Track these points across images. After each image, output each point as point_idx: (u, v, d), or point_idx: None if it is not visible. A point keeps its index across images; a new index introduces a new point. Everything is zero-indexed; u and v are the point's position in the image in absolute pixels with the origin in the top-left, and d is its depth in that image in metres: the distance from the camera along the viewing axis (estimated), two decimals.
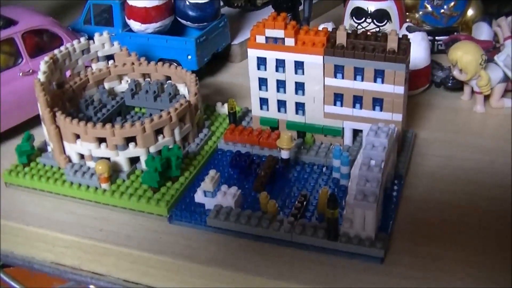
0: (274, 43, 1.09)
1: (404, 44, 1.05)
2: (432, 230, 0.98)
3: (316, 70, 1.08)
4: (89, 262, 1.04)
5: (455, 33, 1.42)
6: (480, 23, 1.39)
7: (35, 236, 1.06)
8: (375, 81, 1.06)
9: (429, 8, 1.46)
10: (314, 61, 1.08)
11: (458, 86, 1.31)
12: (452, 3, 1.44)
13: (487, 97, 1.28)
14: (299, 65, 1.09)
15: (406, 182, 1.08)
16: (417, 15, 1.48)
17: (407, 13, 1.46)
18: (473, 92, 1.28)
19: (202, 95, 1.35)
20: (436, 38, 1.45)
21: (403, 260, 0.92)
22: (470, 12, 1.48)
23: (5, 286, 1.29)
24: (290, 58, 1.09)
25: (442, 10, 1.45)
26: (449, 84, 1.31)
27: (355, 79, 1.07)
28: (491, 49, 1.31)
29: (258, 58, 1.11)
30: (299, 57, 1.08)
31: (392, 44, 1.04)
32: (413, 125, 1.23)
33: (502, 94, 1.27)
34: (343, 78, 1.07)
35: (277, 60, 1.10)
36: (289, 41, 1.08)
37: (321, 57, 1.07)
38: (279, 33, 1.08)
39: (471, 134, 1.21)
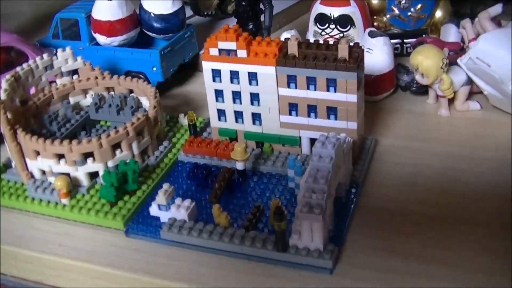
0: (227, 55, 1.10)
1: (355, 52, 1.05)
2: (386, 240, 0.97)
3: (269, 81, 1.09)
4: (52, 277, 1.06)
5: (424, 36, 1.42)
6: (448, 24, 1.39)
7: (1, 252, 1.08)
8: (328, 90, 1.06)
9: (396, 11, 1.46)
10: (267, 72, 1.08)
11: (422, 90, 1.30)
12: (419, 6, 1.44)
13: (452, 100, 1.27)
14: (252, 76, 1.10)
15: (363, 190, 1.08)
16: (384, 19, 1.48)
17: (375, 17, 1.46)
18: (438, 95, 1.28)
19: (169, 106, 1.37)
20: (405, 41, 1.44)
21: (354, 271, 0.92)
22: (438, 14, 1.47)
23: None
24: (243, 69, 1.09)
25: (410, 13, 1.45)
26: (414, 88, 1.31)
27: (308, 88, 1.07)
28: (458, 51, 1.31)
29: (212, 70, 1.12)
30: (252, 68, 1.09)
31: (342, 52, 1.04)
32: (376, 131, 1.23)
33: (466, 97, 1.27)
34: (296, 88, 1.08)
35: (231, 71, 1.11)
36: (242, 53, 1.08)
37: (274, 67, 1.07)
38: (231, 45, 1.08)
39: (434, 139, 1.20)
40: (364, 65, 1.08)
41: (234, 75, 1.11)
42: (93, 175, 1.11)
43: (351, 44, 1.05)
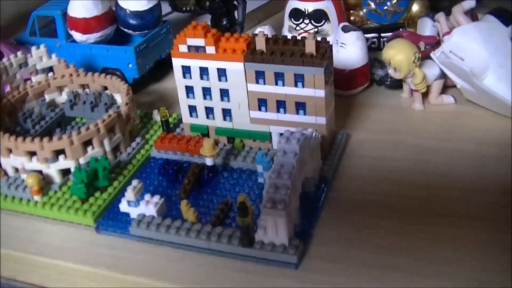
0: (196, 51, 1.10)
1: (323, 48, 1.05)
2: (354, 234, 0.98)
3: (238, 77, 1.09)
4: (24, 273, 1.06)
5: (400, 30, 1.42)
6: (424, 18, 1.39)
7: None
8: (296, 85, 1.06)
9: (373, 6, 1.46)
10: (235, 68, 1.09)
11: (396, 84, 1.30)
12: (395, 0, 1.43)
13: (426, 94, 1.27)
14: (222, 72, 1.10)
15: (334, 185, 1.08)
16: (361, 13, 1.48)
17: (351, 11, 1.46)
18: (411, 89, 1.28)
19: (145, 102, 1.38)
20: (382, 35, 1.45)
21: (320, 265, 0.93)
22: (415, 8, 1.47)
23: None
24: (212, 65, 1.10)
25: (386, 7, 1.45)
26: (388, 83, 1.31)
27: (276, 84, 1.08)
28: (434, 45, 1.31)
29: (182, 66, 1.12)
30: (221, 64, 1.09)
31: (309, 48, 1.04)
32: (349, 126, 1.23)
33: (440, 91, 1.27)
34: (265, 83, 1.08)
35: (200, 68, 1.11)
36: (210, 49, 1.09)
37: (242, 63, 1.08)
38: (199, 41, 1.09)
39: (407, 133, 1.20)
40: (332, 60, 1.09)
41: (204, 72, 1.11)
42: (66, 172, 1.12)
43: (319, 39, 1.06)
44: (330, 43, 1.06)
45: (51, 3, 1.49)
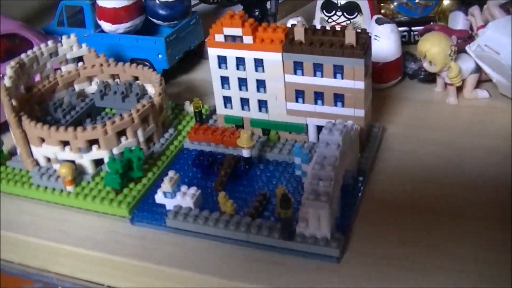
0: (233, 41, 1.09)
1: (362, 39, 1.04)
2: (394, 229, 0.96)
3: (275, 68, 1.08)
4: (54, 264, 1.06)
5: (431, 23, 1.40)
6: (456, 12, 1.37)
7: (3, 239, 1.07)
8: (334, 76, 1.05)
9: None
10: (273, 59, 1.07)
11: (430, 78, 1.29)
12: None
13: (460, 88, 1.26)
14: (258, 63, 1.09)
15: (370, 178, 1.07)
16: (391, 6, 1.47)
17: (382, 4, 1.44)
18: (445, 83, 1.27)
19: (174, 93, 1.36)
20: (412, 28, 1.43)
21: (361, 259, 0.92)
22: (446, 1, 1.46)
23: None
24: (249, 56, 1.08)
25: (417, 0, 1.44)
26: (421, 76, 1.30)
27: (315, 75, 1.06)
28: (466, 39, 1.30)
29: (218, 56, 1.11)
30: (258, 54, 1.08)
31: (349, 38, 1.03)
32: (383, 119, 1.22)
33: (475, 85, 1.25)
34: (303, 74, 1.07)
35: (237, 58, 1.10)
36: (247, 39, 1.07)
37: (280, 54, 1.06)
38: (237, 31, 1.07)
39: (441, 127, 1.19)
40: (371, 52, 1.07)
41: (240, 62, 1.10)
42: (98, 163, 1.11)
43: (358, 30, 1.04)
44: (370, 35, 1.05)
45: None
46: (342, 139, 0.95)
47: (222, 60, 1.11)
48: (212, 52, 1.11)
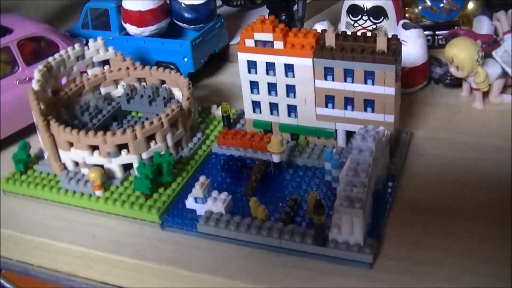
0: (263, 46, 1.08)
1: (394, 45, 1.04)
2: (425, 233, 0.96)
3: (306, 73, 1.08)
4: (83, 268, 1.06)
5: (456, 27, 1.40)
6: (480, 16, 1.37)
7: (32, 243, 1.07)
8: (365, 82, 1.05)
9: (428, 3, 1.44)
10: (303, 64, 1.07)
11: (456, 82, 1.29)
12: None
13: (486, 93, 1.25)
14: (289, 68, 1.08)
15: (400, 183, 1.07)
16: (416, 10, 1.46)
17: (406, 8, 1.44)
18: (471, 88, 1.26)
19: (199, 97, 1.36)
20: (436, 32, 1.43)
21: (393, 265, 0.92)
22: (470, 6, 1.45)
23: None
24: (279, 61, 1.08)
25: (442, 4, 1.43)
26: (447, 81, 1.29)
27: (345, 80, 1.06)
28: (491, 43, 1.29)
29: (248, 61, 1.11)
30: (289, 60, 1.07)
31: (381, 45, 1.02)
32: (410, 124, 1.21)
33: (501, 90, 1.25)
34: (333, 80, 1.07)
35: (267, 63, 1.09)
36: (278, 44, 1.07)
37: (311, 59, 1.06)
38: (267, 36, 1.07)
39: (469, 132, 1.19)
40: (401, 57, 1.07)
41: (270, 67, 1.10)
42: (126, 167, 1.11)
43: (389, 36, 1.04)
44: (406, 38, 1.05)
45: None
46: (375, 145, 0.95)
47: (252, 65, 1.11)
48: (242, 57, 1.11)
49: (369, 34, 1.06)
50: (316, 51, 1.05)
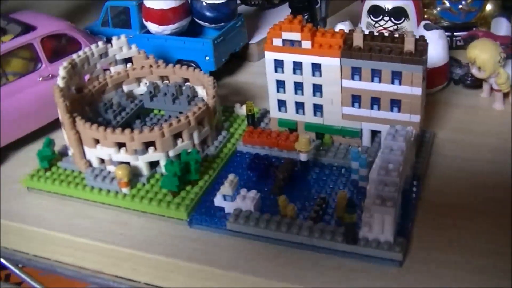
0: (291, 45, 1.09)
1: (421, 45, 1.04)
2: (451, 233, 0.97)
3: (333, 72, 1.08)
4: (110, 266, 1.06)
5: (474, 29, 1.41)
6: (498, 18, 1.38)
7: (57, 241, 1.08)
8: (392, 82, 1.06)
9: (447, 4, 1.45)
10: (331, 64, 1.08)
11: (477, 83, 1.30)
12: None
13: (506, 94, 1.26)
14: (316, 68, 1.09)
15: (425, 183, 1.08)
16: (434, 11, 1.47)
17: (425, 9, 1.44)
18: (492, 89, 1.27)
19: (220, 95, 1.36)
20: (455, 34, 1.44)
21: (422, 264, 0.93)
22: (488, 7, 1.46)
23: (26, 286, 1.31)
24: (307, 60, 1.09)
25: (460, 6, 1.44)
26: (468, 82, 1.30)
27: (372, 80, 1.07)
28: (509, 45, 1.30)
29: (275, 60, 1.11)
30: (316, 59, 1.08)
31: (409, 45, 1.03)
32: (431, 124, 1.22)
33: None
34: (360, 80, 1.07)
35: (294, 62, 1.10)
36: (306, 44, 1.08)
37: (338, 59, 1.07)
38: (295, 35, 1.08)
39: (489, 132, 1.20)
40: (427, 58, 1.08)
41: (297, 66, 1.10)
42: (152, 165, 1.11)
43: (417, 37, 1.05)
44: (428, 39, 1.06)
45: None
46: (405, 145, 0.96)
47: (278, 64, 1.11)
48: (269, 56, 1.11)
49: (386, 34, 1.07)
50: (344, 51, 1.06)
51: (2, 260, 1.25)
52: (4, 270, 1.48)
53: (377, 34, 1.07)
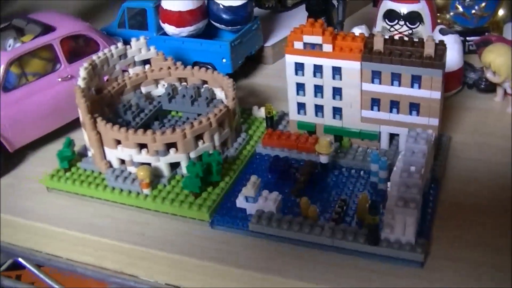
0: (312, 48, 1.10)
1: (440, 50, 1.06)
2: (470, 234, 0.99)
3: (353, 76, 1.09)
4: (131, 266, 1.07)
5: (486, 34, 1.43)
6: (510, 23, 1.40)
7: (77, 241, 1.08)
8: (412, 86, 1.07)
9: (460, 9, 1.47)
10: (351, 67, 1.09)
11: (491, 87, 1.31)
12: (483, 4, 1.44)
13: None
14: (336, 71, 1.10)
15: (442, 186, 1.09)
16: (448, 16, 1.49)
17: (438, 14, 1.46)
18: (505, 93, 1.29)
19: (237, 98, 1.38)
20: (467, 38, 1.46)
21: (443, 264, 0.94)
22: (501, 12, 1.48)
23: (44, 286, 1.31)
24: (327, 63, 1.10)
25: (473, 11, 1.46)
26: (482, 86, 1.32)
27: (392, 84, 1.08)
28: None
29: (295, 63, 1.12)
30: (337, 62, 1.09)
31: (429, 49, 1.05)
32: (447, 128, 1.24)
33: None
34: (380, 83, 1.09)
35: (314, 65, 1.11)
36: (327, 47, 1.09)
37: (359, 63, 1.08)
38: (317, 39, 1.09)
39: (504, 136, 1.21)
40: (446, 62, 1.09)
41: (317, 69, 1.11)
42: (173, 166, 1.12)
43: (437, 42, 1.07)
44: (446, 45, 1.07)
45: None
46: (427, 148, 0.97)
47: (299, 67, 1.12)
48: (290, 59, 1.12)
49: (405, 38, 1.09)
50: (365, 55, 1.07)
51: (21, 260, 1.25)
52: (16, 270, 1.48)
53: (398, 38, 1.08)
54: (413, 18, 1.31)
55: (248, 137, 1.20)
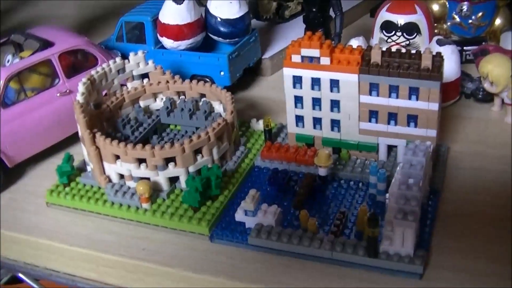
0: (310, 62, 1.11)
1: (437, 61, 1.06)
2: (470, 244, 0.99)
3: (351, 88, 1.10)
4: (133, 281, 1.07)
5: (483, 43, 1.43)
6: (508, 32, 1.40)
7: (79, 256, 1.08)
8: (409, 98, 1.07)
9: (457, 19, 1.47)
10: (349, 79, 1.09)
11: (488, 97, 1.32)
12: (480, 14, 1.45)
13: None
14: (334, 83, 1.11)
15: (442, 196, 1.09)
16: (445, 26, 1.49)
17: (435, 24, 1.47)
18: (503, 103, 1.29)
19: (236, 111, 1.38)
20: (465, 48, 1.46)
21: (443, 274, 0.94)
22: (498, 22, 1.48)
23: None
24: (325, 76, 1.10)
25: (470, 21, 1.46)
26: (480, 96, 1.32)
27: (390, 96, 1.08)
28: None
29: (293, 76, 1.13)
30: (335, 75, 1.10)
31: (426, 61, 1.05)
32: (445, 138, 1.24)
33: None
34: (378, 95, 1.09)
35: (312, 78, 1.12)
36: (325, 60, 1.09)
37: (357, 75, 1.08)
38: (314, 52, 1.09)
39: (503, 146, 1.21)
40: (443, 73, 1.10)
41: (315, 82, 1.12)
42: (172, 180, 1.12)
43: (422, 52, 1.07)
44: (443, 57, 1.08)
45: (138, 9, 1.49)
46: (425, 160, 0.97)
47: (297, 80, 1.13)
48: (288, 72, 1.13)
49: (403, 50, 1.09)
50: (363, 68, 1.08)
51: (21, 275, 1.26)
52: (15, 284, 1.48)
53: (395, 50, 1.09)
54: (410, 29, 1.32)
55: (246, 150, 1.20)
